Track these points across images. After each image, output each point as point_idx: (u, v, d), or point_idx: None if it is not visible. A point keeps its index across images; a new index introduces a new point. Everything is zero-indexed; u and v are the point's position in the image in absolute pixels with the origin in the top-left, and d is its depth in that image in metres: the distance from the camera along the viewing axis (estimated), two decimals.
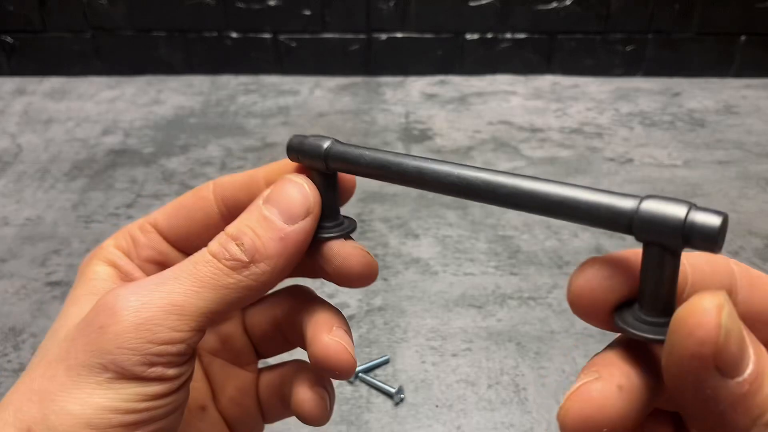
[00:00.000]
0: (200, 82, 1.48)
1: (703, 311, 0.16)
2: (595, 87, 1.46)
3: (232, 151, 1.17)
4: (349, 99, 1.39)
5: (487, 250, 0.89)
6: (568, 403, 0.19)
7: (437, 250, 0.88)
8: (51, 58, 1.48)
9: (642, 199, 0.18)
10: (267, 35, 1.46)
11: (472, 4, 1.43)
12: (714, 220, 0.17)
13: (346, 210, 0.28)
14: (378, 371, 0.69)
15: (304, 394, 0.27)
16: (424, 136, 1.23)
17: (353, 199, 1.09)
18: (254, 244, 0.23)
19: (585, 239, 0.91)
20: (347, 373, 0.25)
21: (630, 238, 0.20)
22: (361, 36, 1.46)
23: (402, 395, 0.66)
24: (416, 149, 1.17)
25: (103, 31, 1.46)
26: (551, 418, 0.63)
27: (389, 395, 0.66)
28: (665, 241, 0.18)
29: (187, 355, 0.23)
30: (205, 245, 0.24)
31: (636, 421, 0.19)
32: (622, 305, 0.20)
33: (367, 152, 0.24)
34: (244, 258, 0.23)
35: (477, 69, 1.50)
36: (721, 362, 0.16)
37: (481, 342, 0.72)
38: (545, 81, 1.48)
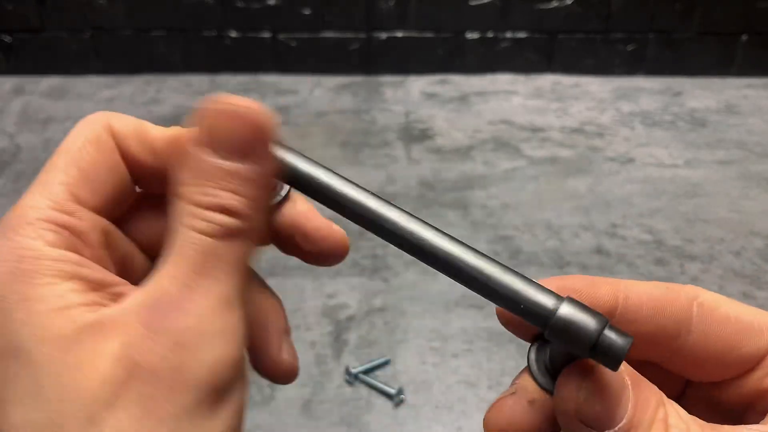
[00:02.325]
0: (199, 81, 1.47)
1: (568, 380, 0.21)
2: (596, 86, 1.45)
3: None
4: (349, 98, 1.39)
5: (488, 250, 0.88)
6: (488, 414, 0.22)
7: None
8: (49, 57, 1.47)
9: (562, 301, 0.19)
10: (266, 34, 1.46)
11: (472, 3, 1.43)
12: (623, 343, 0.19)
13: None
14: (378, 372, 0.69)
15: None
16: (424, 135, 1.23)
17: None
18: (241, 206, 0.20)
19: (586, 239, 0.90)
20: (289, 383, 0.25)
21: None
22: (361, 35, 1.46)
23: (402, 396, 0.65)
24: (416, 149, 1.17)
25: (102, 30, 1.45)
26: None
27: (389, 396, 0.65)
28: (572, 349, 0.19)
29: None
30: (125, 204, 0.22)
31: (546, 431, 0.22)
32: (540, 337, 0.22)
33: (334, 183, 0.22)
34: (239, 222, 0.20)
35: (477, 68, 1.50)
36: (583, 418, 0.20)
37: (482, 343, 0.72)
38: (546, 80, 1.48)
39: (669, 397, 0.22)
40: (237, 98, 0.20)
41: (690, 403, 0.24)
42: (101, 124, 0.22)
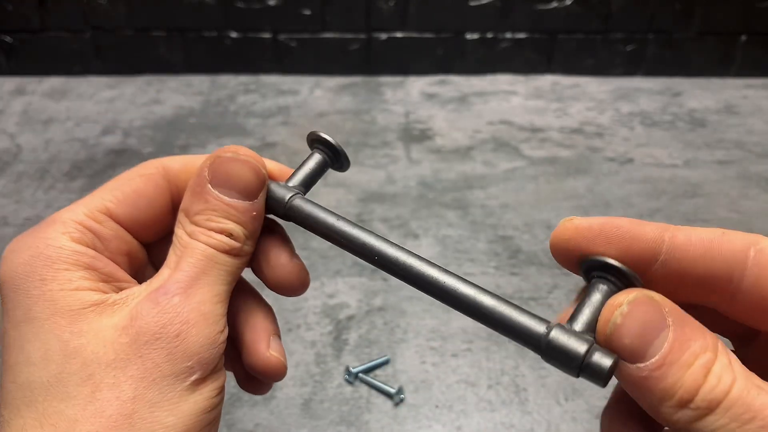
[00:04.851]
0: (200, 81, 1.47)
1: (610, 305, 0.22)
2: (595, 87, 1.46)
3: None
4: (349, 99, 1.39)
5: (488, 250, 0.88)
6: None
7: (437, 250, 0.88)
8: (50, 57, 1.48)
9: (552, 328, 0.22)
10: (267, 35, 1.46)
11: (472, 3, 1.43)
12: (606, 363, 0.21)
13: (345, 210, 0.28)
14: (378, 371, 0.69)
15: (284, 260, 0.28)
16: (424, 136, 1.23)
17: (354, 199, 1.09)
18: (238, 230, 0.25)
19: None
20: (279, 380, 0.28)
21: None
22: (361, 36, 1.46)
23: (402, 396, 0.65)
24: (416, 149, 1.17)
25: (103, 30, 1.45)
26: (551, 418, 0.63)
27: (389, 396, 0.66)
28: (563, 369, 0.22)
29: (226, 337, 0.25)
30: (162, 229, 0.27)
31: None
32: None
33: (329, 220, 0.27)
34: (238, 244, 0.25)
35: (477, 69, 1.50)
36: (615, 349, 0.21)
37: (482, 342, 0.72)
38: (546, 81, 1.48)
39: (734, 346, 0.21)
40: (242, 149, 0.26)
41: (755, 356, 0.24)
42: (156, 163, 0.27)
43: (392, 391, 0.65)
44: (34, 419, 0.21)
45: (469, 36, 1.46)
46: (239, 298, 0.28)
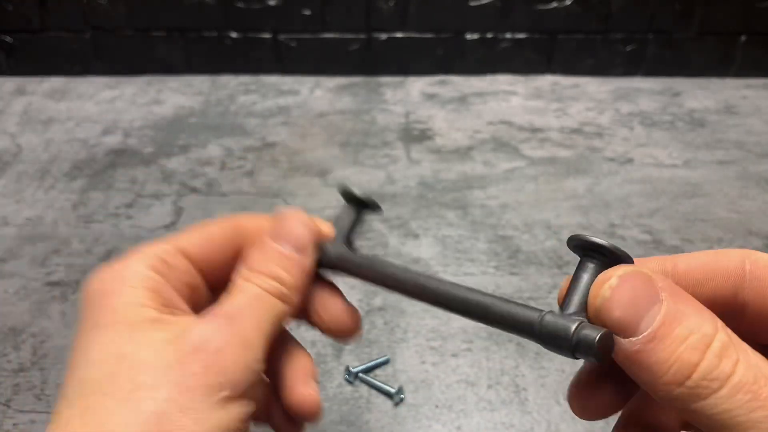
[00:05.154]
0: (200, 82, 1.48)
1: (601, 279, 0.22)
2: (595, 87, 1.46)
3: (232, 151, 1.17)
4: (349, 99, 1.39)
5: (487, 250, 0.88)
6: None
7: (437, 250, 0.88)
8: (51, 58, 1.48)
9: (545, 314, 0.23)
10: (267, 35, 1.46)
11: (472, 3, 1.43)
12: (594, 335, 0.21)
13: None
14: (378, 371, 0.69)
15: (337, 310, 0.31)
16: (423, 136, 1.23)
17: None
18: (287, 278, 0.28)
19: None
20: (313, 420, 0.30)
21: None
22: (361, 36, 1.46)
23: (402, 395, 0.66)
24: (416, 149, 1.17)
25: (103, 31, 1.45)
26: (551, 418, 0.63)
27: (389, 395, 0.66)
28: (560, 352, 0.22)
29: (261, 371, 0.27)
30: (226, 273, 0.30)
31: None
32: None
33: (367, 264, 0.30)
34: (286, 291, 0.28)
35: (477, 69, 1.50)
36: (605, 324, 0.21)
37: (481, 342, 0.72)
38: (545, 81, 1.48)
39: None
40: (299, 211, 0.30)
41: None
42: (233, 218, 0.31)
43: (392, 390, 0.65)
44: (79, 411, 0.23)
45: (469, 36, 1.46)
46: (282, 347, 0.31)
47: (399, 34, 1.46)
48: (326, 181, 1.06)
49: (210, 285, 0.31)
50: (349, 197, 0.33)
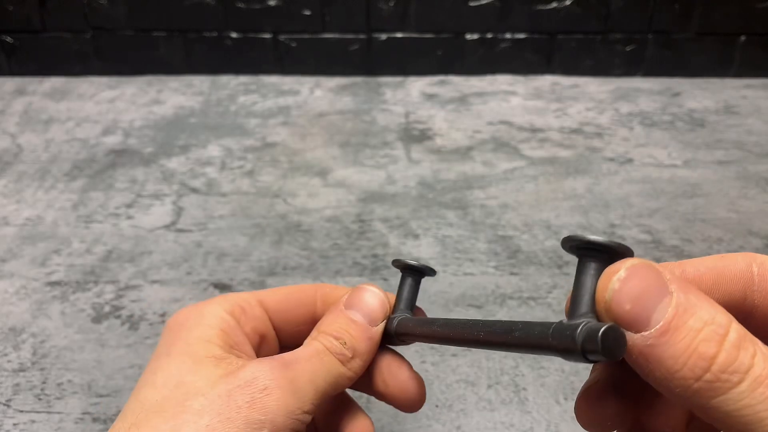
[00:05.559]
0: (200, 82, 1.48)
1: (602, 278, 0.21)
2: (594, 87, 1.46)
3: (233, 151, 1.17)
4: (349, 99, 1.39)
5: (487, 250, 0.89)
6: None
7: (437, 250, 0.88)
8: (51, 58, 1.48)
9: (554, 324, 0.22)
10: (267, 35, 1.46)
11: (472, 4, 1.43)
12: (596, 327, 0.20)
13: (346, 210, 0.29)
14: None
15: (404, 376, 0.32)
16: (423, 136, 1.23)
17: (354, 199, 1.09)
18: (352, 343, 0.30)
19: None
20: None
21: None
22: (361, 36, 1.47)
23: None
24: (416, 149, 1.17)
25: (103, 31, 1.46)
26: (551, 417, 0.63)
27: None
28: (575, 359, 0.21)
29: (306, 423, 0.28)
30: (298, 333, 0.32)
31: None
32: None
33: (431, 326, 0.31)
34: (348, 354, 0.29)
35: (477, 69, 1.50)
36: (614, 318, 0.20)
37: None
38: (545, 81, 1.48)
39: None
40: (375, 285, 0.33)
41: None
42: (315, 284, 0.34)
43: None
44: (128, 425, 0.25)
45: (468, 36, 1.46)
46: (344, 411, 0.33)
47: (399, 35, 1.46)
48: (326, 181, 1.06)
49: (282, 341, 0.34)
50: (405, 267, 0.35)
